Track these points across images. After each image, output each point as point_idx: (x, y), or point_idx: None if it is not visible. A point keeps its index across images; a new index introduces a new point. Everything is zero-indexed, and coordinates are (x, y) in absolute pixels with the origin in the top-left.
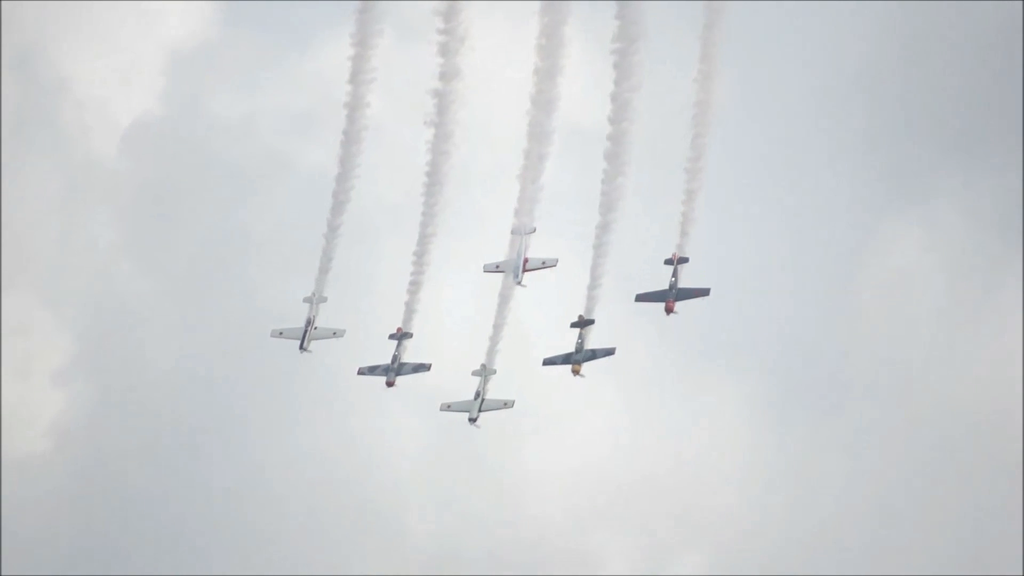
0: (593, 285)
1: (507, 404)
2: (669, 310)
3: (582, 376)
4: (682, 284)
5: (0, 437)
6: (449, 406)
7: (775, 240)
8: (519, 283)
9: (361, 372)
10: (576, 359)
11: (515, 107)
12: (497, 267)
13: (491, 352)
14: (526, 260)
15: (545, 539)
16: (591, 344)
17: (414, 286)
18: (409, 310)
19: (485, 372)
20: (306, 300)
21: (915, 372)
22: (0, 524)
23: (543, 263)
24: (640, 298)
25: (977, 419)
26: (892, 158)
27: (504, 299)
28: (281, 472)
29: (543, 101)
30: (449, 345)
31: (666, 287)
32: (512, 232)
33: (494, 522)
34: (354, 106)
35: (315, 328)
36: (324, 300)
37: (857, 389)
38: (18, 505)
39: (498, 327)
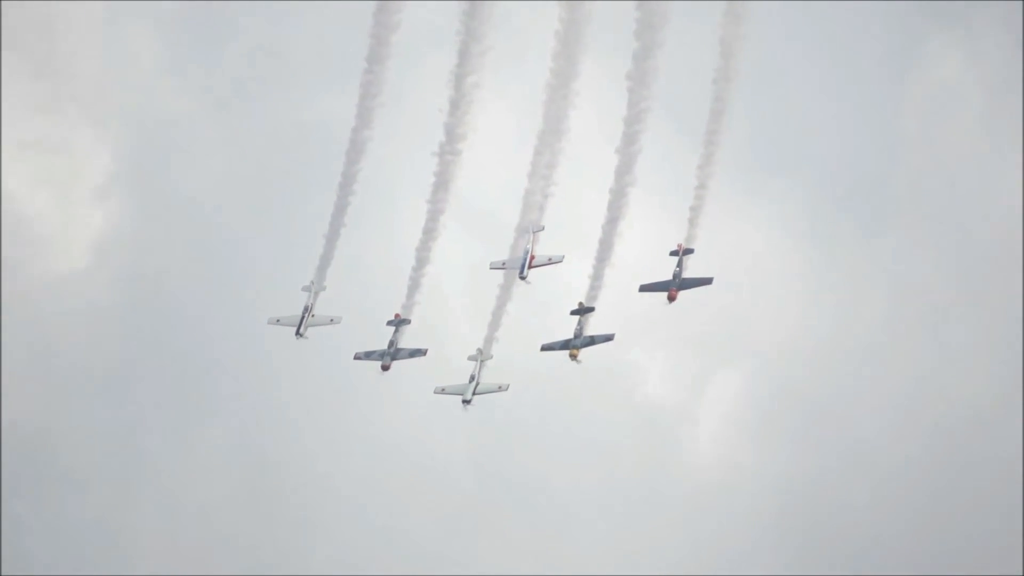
0: (631, 119)
1: (502, 387)
2: (672, 298)
3: (579, 362)
4: (687, 274)
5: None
6: (443, 389)
7: (815, 59)
8: (524, 279)
9: (357, 357)
10: (574, 344)
11: None
12: (503, 264)
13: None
14: (532, 257)
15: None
16: (590, 331)
17: (455, 108)
18: (449, 133)
19: (481, 357)
20: (304, 289)
21: (956, 191)
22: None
23: (549, 259)
24: (644, 288)
25: (1016, 236)
26: None
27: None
28: (316, 296)
29: None
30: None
31: (670, 277)
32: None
33: (532, 339)
34: None
35: (312, 315)
36: (323, 289)
37: (899, 208)
38: (59, 321)
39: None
